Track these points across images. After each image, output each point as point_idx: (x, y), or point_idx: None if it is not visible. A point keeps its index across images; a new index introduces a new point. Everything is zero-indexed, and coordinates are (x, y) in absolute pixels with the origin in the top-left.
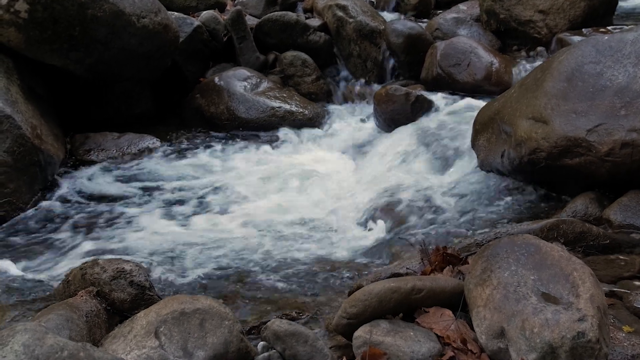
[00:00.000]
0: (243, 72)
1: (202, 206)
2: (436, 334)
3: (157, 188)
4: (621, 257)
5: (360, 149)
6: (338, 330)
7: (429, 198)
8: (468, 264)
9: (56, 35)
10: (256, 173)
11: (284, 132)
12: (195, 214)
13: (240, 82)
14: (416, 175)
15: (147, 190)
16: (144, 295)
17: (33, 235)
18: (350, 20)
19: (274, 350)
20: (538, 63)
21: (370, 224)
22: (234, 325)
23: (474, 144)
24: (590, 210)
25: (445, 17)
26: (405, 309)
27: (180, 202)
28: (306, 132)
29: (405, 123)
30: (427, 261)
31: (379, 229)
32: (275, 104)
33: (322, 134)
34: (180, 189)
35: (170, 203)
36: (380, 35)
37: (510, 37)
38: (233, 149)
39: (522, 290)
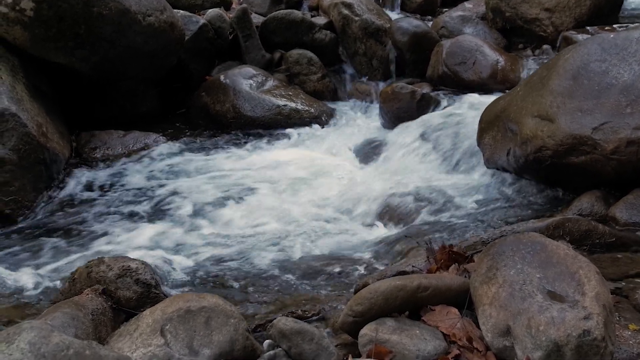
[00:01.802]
0: (249, 70)
1: (207, 204)
2: (442, 332)
3: (163, 186)
4: (627, 255)
5: (366, 147)
6: (344, 328)
7: (434, 196)
8: (474, 262)
9: (61, 33)
10: (262, 171)
11: (289, 131)
12: (200, 211)
13: (245, 81)
14: (421, 173)
15: (152, 188)
16: (149, 293)
17: (38, 233)
18: (356, 18)
19: (280, 348)
20: (544, 61)
21: (376, 221)
22: (240, 323)
23: (479, 142)
24: (596, 208)
25: (451, 15)
26: (411, 307)
27: (186, 200)
28: (312, 130)
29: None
30: (433, 259)
31: (385, 227)
32: (281, 102)
33: (327, 132)
34: (186, 187)
35: (176, 201)
36: (386, 34)
37: (516, 35)
38: (238, 147)
39: (527, 288)
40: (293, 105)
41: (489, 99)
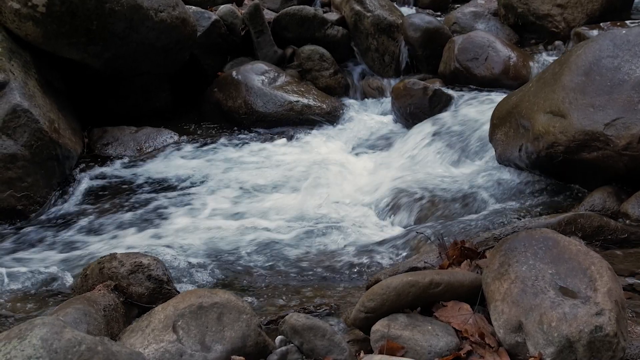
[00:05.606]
0: (261, 66)
1: (219, 200)
2: (454, 328)
3: (175, 182)
4: (639, 250)
5: (377, 142)
6: (356, 324)
7: (446, 192)
8: (486, 258)
9: (74, 29)
10: (274, 167)
11: (301, 126)
12: (212, 208)
13: (258, 76)
14: (434, 169)
15: (164, 184)
16: (161, 289)
17: (50, 229)
18: (368, 14)
19: (292, 344)
20: (556, 57)
21: (388, 218)
22: (252, 319)
23: (491, 138)
24: (608, 204)
25: (463, 11)
26: (423, 303)
27: (198, 196)
28: (324, 126)
29: (423, 117)
30: (445, 255)
31: (397, 223)
32: (293, 98)
33: (339, 128)
34: (197, 184)
35: (187, 197)
36: (398, 29)
37: (528, 31)
38: (250, 143)
39: (539, 284)
40: (305, 101)
41: (502, 94)
